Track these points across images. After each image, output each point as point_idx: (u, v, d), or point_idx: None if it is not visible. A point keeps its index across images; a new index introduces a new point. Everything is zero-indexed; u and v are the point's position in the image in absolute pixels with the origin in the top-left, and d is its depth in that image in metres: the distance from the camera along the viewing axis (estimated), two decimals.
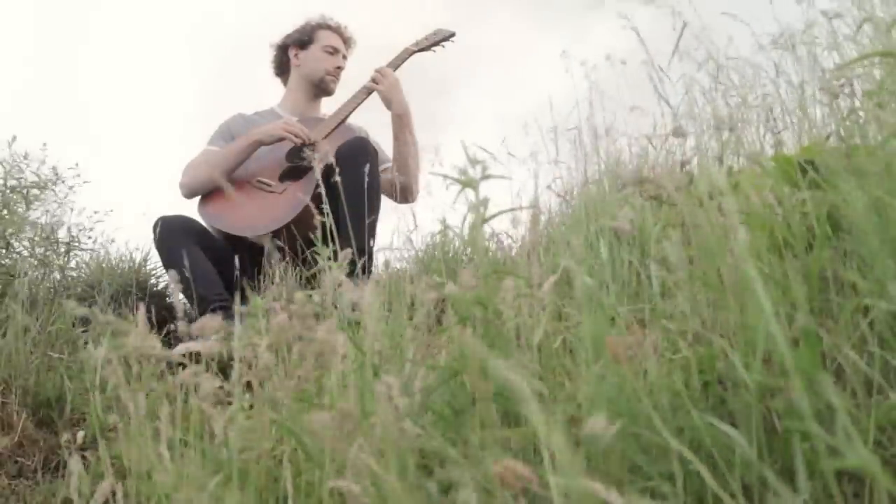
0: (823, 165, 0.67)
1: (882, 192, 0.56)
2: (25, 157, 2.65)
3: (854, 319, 0.60)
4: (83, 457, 1.51)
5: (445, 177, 0.71)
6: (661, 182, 0.66)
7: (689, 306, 0.65)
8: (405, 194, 2.57)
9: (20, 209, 2.47)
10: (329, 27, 2.74)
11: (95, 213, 2.96)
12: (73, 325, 2.08)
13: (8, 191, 2.49)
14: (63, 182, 2.82)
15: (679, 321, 0.68)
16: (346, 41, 2.77)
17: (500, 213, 0.73)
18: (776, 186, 0.70)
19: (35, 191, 2.63)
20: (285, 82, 2.79)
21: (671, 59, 1.10)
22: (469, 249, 2.40)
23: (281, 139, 2.41)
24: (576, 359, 0.66)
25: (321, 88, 2.71)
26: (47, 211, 2.70)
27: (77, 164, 2.89)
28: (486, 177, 0.72)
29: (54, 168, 2.80)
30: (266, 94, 2.89)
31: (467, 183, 0.71)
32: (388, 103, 2.53)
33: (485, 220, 0.70)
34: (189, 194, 2.46)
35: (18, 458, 1.60)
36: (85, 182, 2.89)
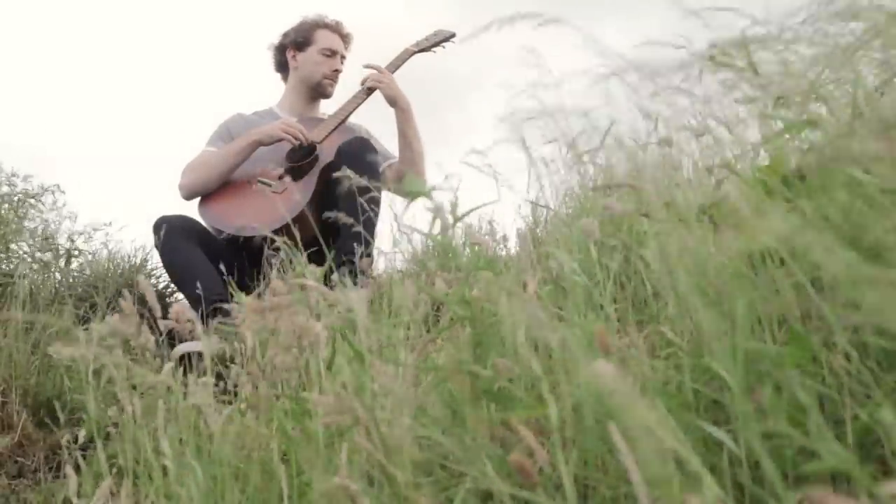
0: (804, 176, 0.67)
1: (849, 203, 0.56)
2: (14, 175, 2.71)
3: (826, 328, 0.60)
4: (83, 456, 1.51)
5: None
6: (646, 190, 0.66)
7: (677, 310, 0.65)
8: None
9: (11, 215, 2.50)
10: (327, 26, 2.72)
11: (94, 229, 2.99)
12: (74, 325, 2.08)
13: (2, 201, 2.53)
14: (52, 193, 2.86)
15: (672, 322, 0.69)
16: (345, 38, 2.75)
17: (469, 212, 0.72)
18: (761, 196, 0.70)
19: (31, 200, 2.66)
20: (286, 79, 2.79)
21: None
22: (467, 250, 2.39)
23: (279, 140, 2.41)
24: (570, 358, 0.66)
25: (319, 92, 2.71)
26: (45, 220, 2.73)
27: (58, 185, 2.94)
28: (432, 188, 0.70)
29: (41, 185, 2.84)
30: (266, 93, 2.89)
31: (417, 194, 0.69)
32: (393, 100, 2.53)
33: (458, 220, 0.69)
34: (188, 196, 2.47)
35: (18, 458, 1.61)
36: (62, 196, 2.94)
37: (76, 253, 2.78)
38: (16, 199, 2.60)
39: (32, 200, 2.66)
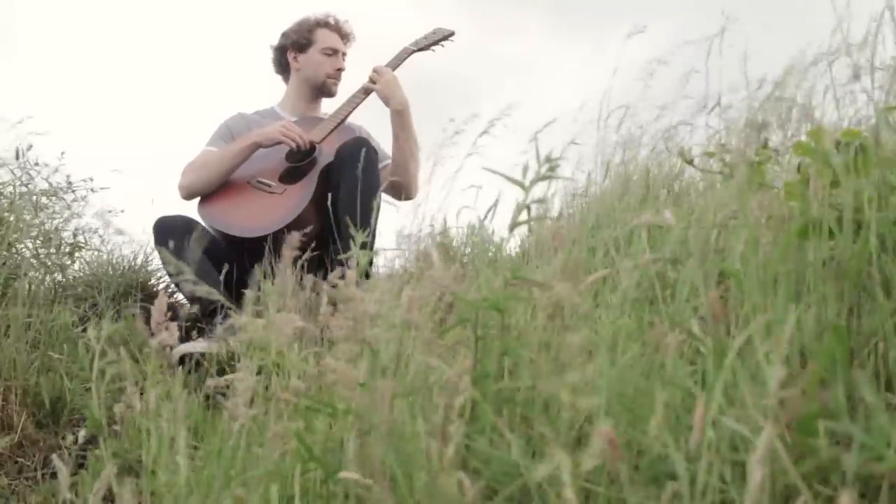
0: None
1: None
2: (36, 165, 2.65)
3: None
4: (83, 455, 1.50)
5: (497, 173, 0.70)
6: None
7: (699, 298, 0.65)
8: (405, 191, 2.55)
9: (27, 216, 2.46)
10: (327, 25, 2.70)
11: (109, 212, 2.94)
12: (73, 325, 2.07)
13: (17, 198, 2.48)
14: (74, 192, 2.82)
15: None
16: (345, 37, 2.72)
17: (535, 218, 0.72)
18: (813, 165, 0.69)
19: (44, 199, 2.61)
20: (286, 80, 2.77)
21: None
22: (468, 248, 2.38)
23: (278, 142, 2.40)
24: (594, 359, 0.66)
25: (323, 91, 2.69)
26: (55, 213, 2.69)
27: (91, 179, 2.88)
28: (546, 176, 0.70)
29: (68, 177, 2.79)
30: (265, 93, 2.88)
31: (521, 184, 0.70)
32: (386, 101, 2.52)
33: (515, 225, 0.69)
34: (188, 196, 2.45)
35: (18, 458, 1.60)
36: (102, 189, 2.89)
37: (83, 245, 2.74)
38: (34, 197, 2.55)
39: (46, 199, 2.61)
